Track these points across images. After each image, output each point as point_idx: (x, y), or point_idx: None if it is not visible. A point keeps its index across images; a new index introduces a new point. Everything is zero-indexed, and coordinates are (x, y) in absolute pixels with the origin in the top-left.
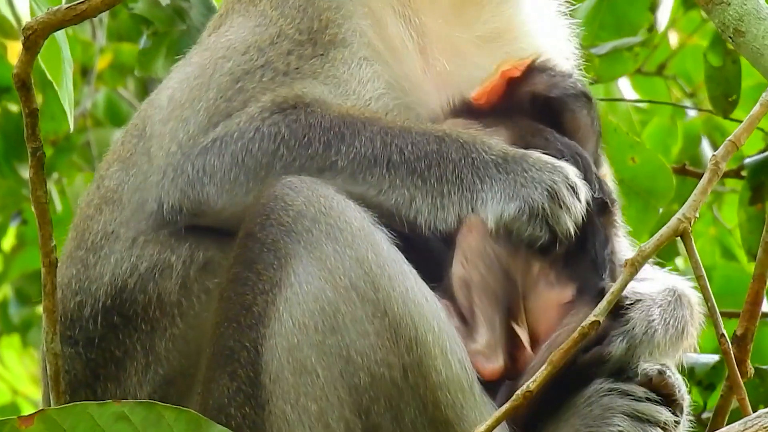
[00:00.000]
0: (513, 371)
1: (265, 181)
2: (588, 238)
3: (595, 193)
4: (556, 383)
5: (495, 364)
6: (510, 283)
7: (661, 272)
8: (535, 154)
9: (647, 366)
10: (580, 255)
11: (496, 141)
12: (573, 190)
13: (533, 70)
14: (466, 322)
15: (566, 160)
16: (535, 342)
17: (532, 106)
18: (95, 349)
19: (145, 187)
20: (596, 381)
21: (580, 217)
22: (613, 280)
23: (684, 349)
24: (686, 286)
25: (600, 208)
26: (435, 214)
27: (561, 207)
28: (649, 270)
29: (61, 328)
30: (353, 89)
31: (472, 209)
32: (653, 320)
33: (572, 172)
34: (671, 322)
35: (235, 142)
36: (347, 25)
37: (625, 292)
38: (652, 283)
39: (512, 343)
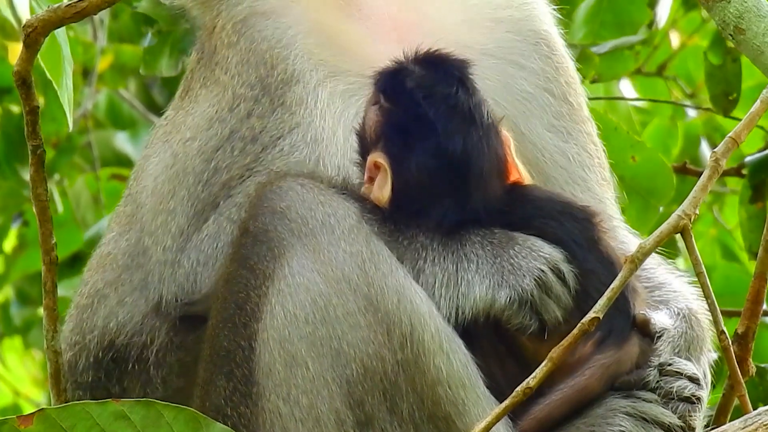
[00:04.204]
0: None
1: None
2: (589, 288)
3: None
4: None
5: None
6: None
7: (671, 276)
8: (521, 238)
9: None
10: (589, 303)
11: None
12: (560, 276)
13: None
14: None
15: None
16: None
17: None
18: (95, 391)
19: (144, 276)
20: None
21: (570, 303)
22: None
23: (705, 364)
24: (694, 301)
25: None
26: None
27: (550, 296)
28: (656, 267)
29: (67, 374)
30: (319, 125)
31: (455, 286)
32: (678, 351)
33: (559, 257)
34: (691, 347)
35: (225, 228)
36: (293, 53)
37: (653, 325)
38: (667, 311)
39: None
